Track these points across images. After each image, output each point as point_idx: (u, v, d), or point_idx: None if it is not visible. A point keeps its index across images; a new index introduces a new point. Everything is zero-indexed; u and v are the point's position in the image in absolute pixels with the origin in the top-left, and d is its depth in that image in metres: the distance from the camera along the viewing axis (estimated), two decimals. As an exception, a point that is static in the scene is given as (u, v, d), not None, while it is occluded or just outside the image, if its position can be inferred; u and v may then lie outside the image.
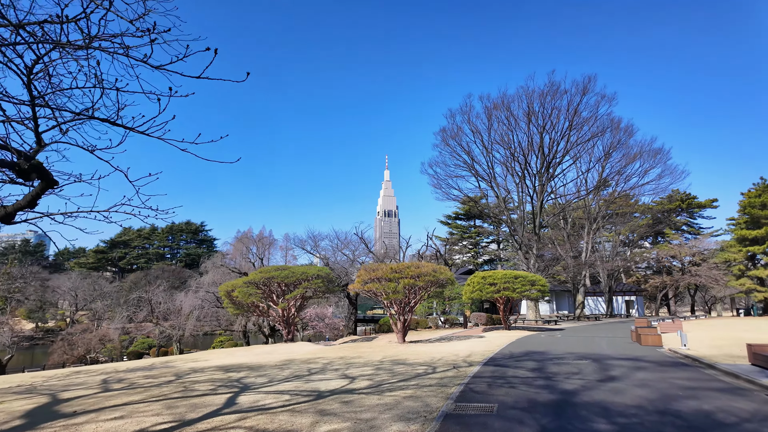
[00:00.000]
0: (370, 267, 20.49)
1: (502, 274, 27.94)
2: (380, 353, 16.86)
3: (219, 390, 10.09)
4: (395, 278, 18.88)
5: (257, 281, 29.68)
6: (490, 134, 37.19)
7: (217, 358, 19.92)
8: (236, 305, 31.25)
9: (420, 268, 19.22)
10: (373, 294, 20.23)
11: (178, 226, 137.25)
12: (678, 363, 12.07)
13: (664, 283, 68.02)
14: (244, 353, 21.79)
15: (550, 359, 12.93)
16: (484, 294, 27.56)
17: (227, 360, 18.36)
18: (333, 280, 32.82)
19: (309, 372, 12.45)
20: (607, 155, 38.83)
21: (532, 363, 12.11)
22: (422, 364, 13.08)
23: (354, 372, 11.92)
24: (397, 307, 20.26)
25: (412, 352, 16.73)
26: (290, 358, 16.96)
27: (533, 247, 37.82)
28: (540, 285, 27.94)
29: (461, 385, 8.95)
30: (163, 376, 13.29)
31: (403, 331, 20.38)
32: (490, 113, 36.69)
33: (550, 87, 34.47)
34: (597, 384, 8.90)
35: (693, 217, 74.32)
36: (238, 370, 13.95)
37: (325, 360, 15.57)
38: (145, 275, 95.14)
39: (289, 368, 13.70)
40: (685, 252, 64.05)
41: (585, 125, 34.98)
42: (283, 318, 31.50)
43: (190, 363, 18.32)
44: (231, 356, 20.29)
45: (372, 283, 19.34)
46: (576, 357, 13.35)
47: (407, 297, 19.67)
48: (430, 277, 18.87)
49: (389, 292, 18.78)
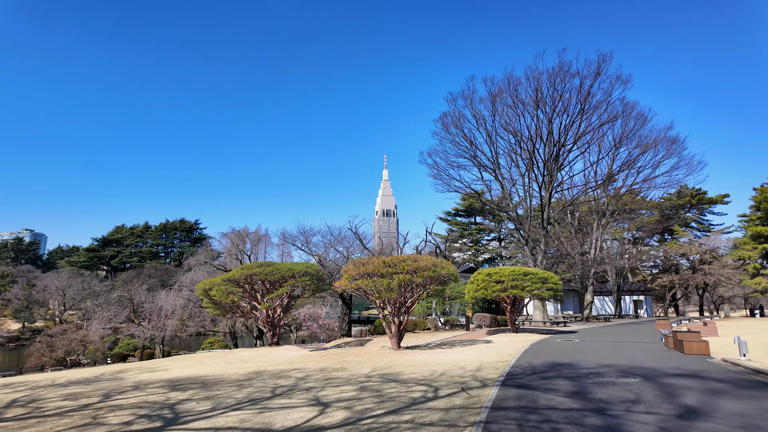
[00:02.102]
0: (359, 261, 17.47)
1: (509, 270, 25.02)
2: (369, 364, 13.92)
3: (135, 423, 7.16)
4: (389, 274, 15.92)
5: (237, 278, 26.68)
6: (495, 120, 34.22)
7: (179, 367, 16.97)
8: (216, 305, 28.27)
9: (418, 261, 16.25)
10: (363, 293, 17.26)
11: (172, 224, 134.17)
12: (758, 383, 9.14)
13: (673, 283, 65.28)
14: (213, 361, 18.82)
15: (585, 375, 10.01)
16: (490, 293, 24.62)
17: (187, 371, 15.40)
18: (323, 278, 29.86)
19: (272, 393, 9.51)
20: (620, 144, 35.71)
21: (565, 382, 9.18)
22: (420, 381, 10.14)
23: (330, 394, 9.00)
24: (391, 308, 17.29)
25: (408, 362, 13.80)
26: (261, 370, 14.01)
27: (541, 242, 34.85)
28: (552, 283, 25.02)
29: (478, 426, 6.00)
30: (87, 397, 10.34)
31: (398, 335, 17.41)
32: (494, 97, 33.72)
33: (560, 67, 31.55)
34: (682, 424, 5.97)
35: (702, 213, 71.45)
36: (186, 387, 11.00)
37: (301, 373, 12.63)
38: (137, 274, 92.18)
39: (251, 385, 10.78)
40: (695, 249, 61.24)
41: (598, 109, 32.01)
42: (267, 319, 28.52)
43: (142, 374, 15.36)
44: (197, 365, 17.33)
45: (362, 280, 16.34)
46: (618, 373, 10.43)
47: (403, 296, 16.70)
48: (430, 272, 15.90)
49: (381, 291, 15.82)
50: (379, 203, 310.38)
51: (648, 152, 35.06)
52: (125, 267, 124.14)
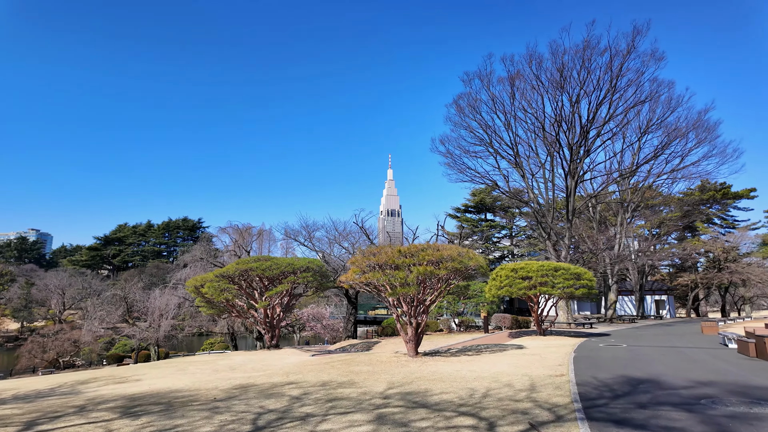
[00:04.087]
0: (369, 251, 14.63)
1: (537, 265, 22.07)
2: (384, 376, 11.11)
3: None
4: (405, 265, 13.09)
5: (231, 274, 23.95)
6: (514, 103, 31.23)
7: (155, 376, 14.22)
8: (209, 304, 25.59)
9: (441, 250, 13.36)
10: (373, 288, 14.42)
11: (175, 223, 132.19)
12: None
13: (695, 282, 61.99)
14: (199, 368, 16.06)
15: (696, 401, 7.12)
16: (515, 290, 21.68)
17: (162, 381, 12.65)
18: (327, 275, 27.11)
19: (253, 426, 6.72)
20: (649, 129, 32.28)
21: (681, 415, 6.28)
22: (459, 407, 7.31)
23: (335, 429, 6.20)
24: (407, 307, 14.44)
25: (433, 374, 10.98)
26: (248, 383, 11.24)
27: (565, 236, 31.82)
28: (586, 279, 22.05)
29: None
30: (5, 425, 7.61)
31: (414, 339, 14.55)
32: (514, 78, 30.75)
33: (588, 42, 28.49)
34: None
35: (726, 208, 67.77)
36: (143, 411, 8.23)
37: (297, 389, 9.83)
38: (139, 273, 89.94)
39: (230, 409, 8.00)
40: (719, 247, 57.91)
41: (630, 87, 28.91)
42: (265, 319, 25.80)
43: (107, 386, 12.63)
44: (176, 374, 14.59)
45: (372, 273, 13.51)
46: (736, 396, 7.53)
47: (422, 292, 13.87)
48: (456, 263, 13.01)
49: (397, 285, 12.99)
50: (384, 203, 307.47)
51: (680, 139, 31.80)
52: (128, 266, 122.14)
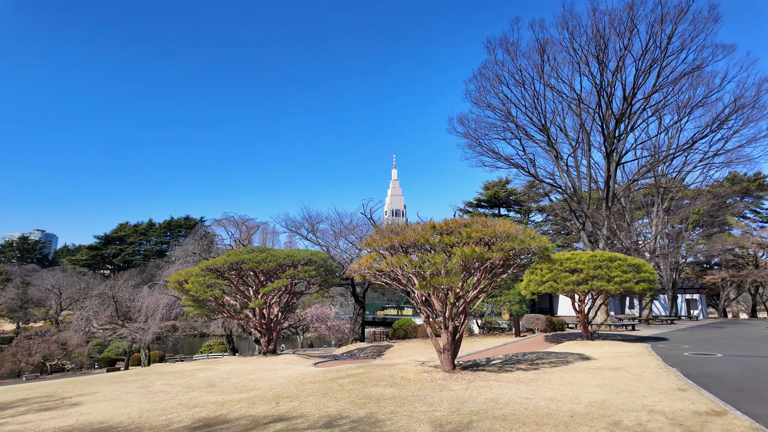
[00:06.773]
0: (389, 229, 10.81)
1: (588, 256, 18.18)
2: (421, 408, 7.33)
3: None
4: (443, 245, 9.34)
5: (220, 267, 20.25)
6: (543, 74, 27.27)
7: (102, 398, 10.49)
8: (196, 302, 21.96)
9: (491, 226, 9.54)
10: (395, 280, 10.65)
11: (177, 222, 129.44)
12: None
13: (726, 280, 57.88)
14: (169, 384, 12.31)
15: None
16: (561, 286, 17.80)
17: (100, 411, 8.92)
18: (332, 270, 23.41)
19: None
20: (707, 100, 27.90)
21: None
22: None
23: None
24: (441, 305, 10.62)
25: (495, 407, 7.20)
26: (219, 415, 7.51)
27: (603, 226, 27.86)
28: (646, 272, 18.17)
29: None
30: None
31: (451, 349, 10.68)
32: (543, 46, 26.87)
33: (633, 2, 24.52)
34: None
35: (760, 202, 63.37)
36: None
37: (289, 428, 6.10)
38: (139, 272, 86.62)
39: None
40: (754, 242, 53.93)
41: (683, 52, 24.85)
42: (260, 320, 22.11)
43: (20, 417, 8.94)
44: (130, 395, 10.88)
45: (396, 257, 9.74)
46: None
47: (464, 283, 10.05)
48: (516, 242, 9.15)
49: (431, 275, 9.21)
50: (389, 203, 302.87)
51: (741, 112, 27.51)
52: (129, 265, 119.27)
